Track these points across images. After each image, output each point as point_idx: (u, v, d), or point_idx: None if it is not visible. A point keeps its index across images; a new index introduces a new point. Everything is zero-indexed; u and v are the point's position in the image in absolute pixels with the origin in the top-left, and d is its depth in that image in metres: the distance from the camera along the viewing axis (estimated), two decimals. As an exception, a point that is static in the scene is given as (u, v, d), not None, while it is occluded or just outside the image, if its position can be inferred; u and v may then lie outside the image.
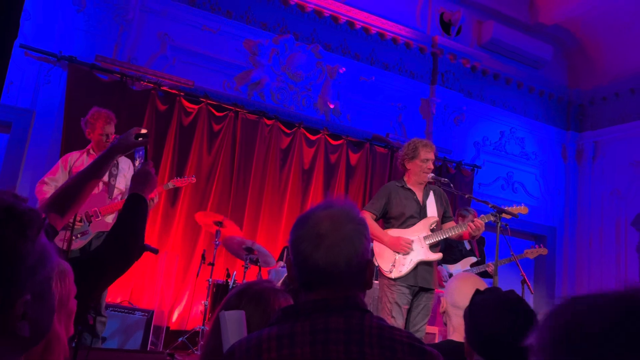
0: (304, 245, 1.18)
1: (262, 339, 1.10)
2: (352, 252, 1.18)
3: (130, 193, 1.65)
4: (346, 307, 1.14)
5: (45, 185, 4.03)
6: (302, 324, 1.11)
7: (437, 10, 7.55)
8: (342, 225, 1.19)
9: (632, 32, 7.53)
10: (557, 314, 0.63)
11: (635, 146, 7.65)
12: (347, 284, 1.18)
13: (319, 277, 1.17)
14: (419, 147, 3.87)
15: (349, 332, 1.10)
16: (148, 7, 5.85)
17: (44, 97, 5.31)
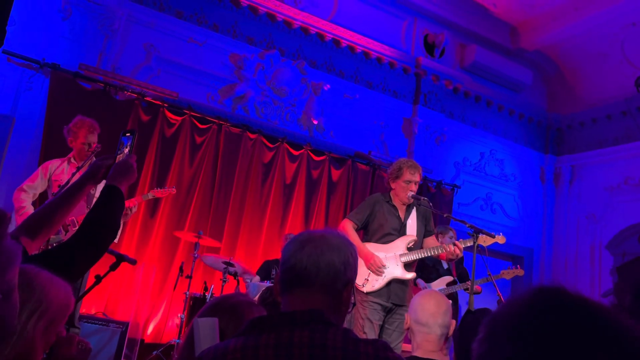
0: (292, 247, 1.26)
1: (228, 349, 1.12)
2: (335, 257, 1.23)
3: (107, 183, 1.63)
4: (311, 321, 1.15)
5: (24, 193, 3.97)
6: (268, 337, 1.13)
7: (422, 32, 7.68)
8: (332, 238, 1.27)
9: (609, 61, 7.75)
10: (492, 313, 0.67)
11: (610, 171, 7.83)
12: (321, 289, 1.21)
13: (297, 275, 1.22)
14: (403, 168, 3.91)
15: (313, 346, 1.11)
16: (134, 17, 5.85)
17: (24, 103, 5.26)
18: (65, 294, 1.24)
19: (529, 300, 0.62)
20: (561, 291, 0.62)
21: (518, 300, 0.63)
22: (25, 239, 1.53)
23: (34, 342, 1.14)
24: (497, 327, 0.62)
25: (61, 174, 4.05)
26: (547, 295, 0.62)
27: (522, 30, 8.11)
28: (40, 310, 1.16)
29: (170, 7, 6.04)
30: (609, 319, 0.58)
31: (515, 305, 0.63)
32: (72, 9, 5.50)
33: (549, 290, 0.62)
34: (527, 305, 0.61)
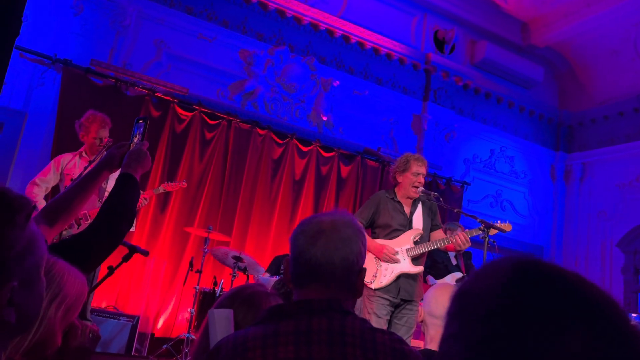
0: (302, 239, 1.24)
1: (247, 337, 1.13)
2: (348, 252, 1.23)
3: (121, 171, 1.64)
4: (329, 309, 1.17)
5: (36, 187, 4.01)
6: (286, 324, 1.14)
7: (432, 28, 7.65)
8: (343, 228, 1.25)
9: (620, 58, 7.68)
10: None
11: (621, 168, 7.76)
12: (337, 285, 1.22)
13: (312, 271, 1.21)
14: (410, 161, 3.90)
15: (331, 333, 1.12)
16: (145, 13, 5.88)
17: (37, 99, 5.30)
18: (81, 283, 1.28)
19: (503, 275, 0.57)
20: (539, 263, 0.57)
21: (491, 273, 0.59)
22: (43, 227, 1.56)
23: (54, 328, 1.18)
24: (470, 301, 0.58)
25: (73, 167, 4.09)
26: (524, 268, 0.57)
27: (533, 27, 8.05)
28: (60, 297, 1.20)
29: (180, 3, 6.06)
30: (590, 294, 0.54)
31: (488, 277, 0.58)
32: (84, 5, 5.54)
33: (525, 264, 0.58)
34: (501, 281, 0.57)
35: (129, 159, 1.67)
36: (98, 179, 1.74)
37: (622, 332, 0.52)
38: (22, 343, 1.11)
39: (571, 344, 0.50)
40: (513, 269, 0.57)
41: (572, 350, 0.50)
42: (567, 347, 0.50)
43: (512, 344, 0.52)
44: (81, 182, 1.73)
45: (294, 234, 1.27)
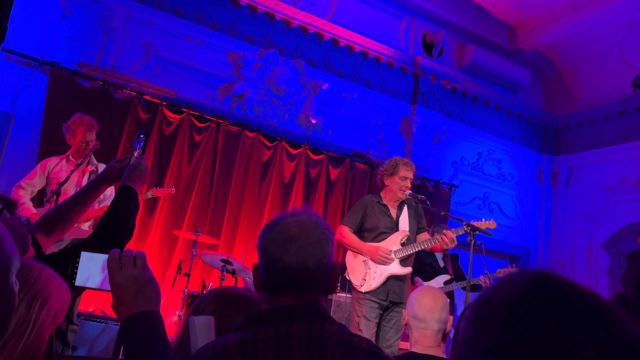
0: (274, 248, 1.21)
1: (227, 345, 1.12)
2: (320, 255, 1.22)
3: (122, 184, 1.66)
4: (308, 314, 1.17)
5: (22, 190, 3.98)
6: (265, 330, 1.13)
7: (420, 32, 7.70)
8: (311, 230, 1.23)
9: (606, 62, 7.78)
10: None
11: (607, 171, 7.86)
12: (314, 288, 1.22)
13: (288, 279, 1.20)
14: (399, 165, 3.94)
15: (311, 338, 1.13)
16: (133, 16, 5.86)
17: (23, 101, 5.26)
18: (65, 289, 1.31)
19: (524, 284, 0.60)
20: (558, 278, 0.61)
21: (512, 283, 0.62)
22: (40, 235, 1.58)
23: (42, 333, 1.21)
24: (489, 309, 0.61)
25: (60, 171, 4.06)
26: (544, 281, 0.60)
27: (520, 31, 8.13)
28: (49, 302, 1.23)
29: (169, 6, 6.05)
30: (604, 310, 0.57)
31: (510, 288, 0.61)
32: (71, 7, 5.51)
33: (545, 276, 0.61)
34: (522, 289, 0.60)
35: (130, 172, 1.69)
36: (97, 191, 1.77)
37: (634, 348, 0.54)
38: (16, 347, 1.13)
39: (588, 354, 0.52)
40: (533, 280, 0.60)
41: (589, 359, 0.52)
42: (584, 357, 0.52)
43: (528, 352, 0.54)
44: (80, 193, 1.76)
45: (262, 241, 1.25)
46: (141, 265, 1.21)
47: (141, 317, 1.17)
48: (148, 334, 1.14)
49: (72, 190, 4.09)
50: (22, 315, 1.19)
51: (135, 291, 1.19)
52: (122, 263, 1.20)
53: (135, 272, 1.20)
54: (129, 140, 5.51)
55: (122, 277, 1.19)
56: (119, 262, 1.20)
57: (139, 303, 1.18)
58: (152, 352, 1.10)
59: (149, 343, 1.12)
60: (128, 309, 1.18)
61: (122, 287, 1.19)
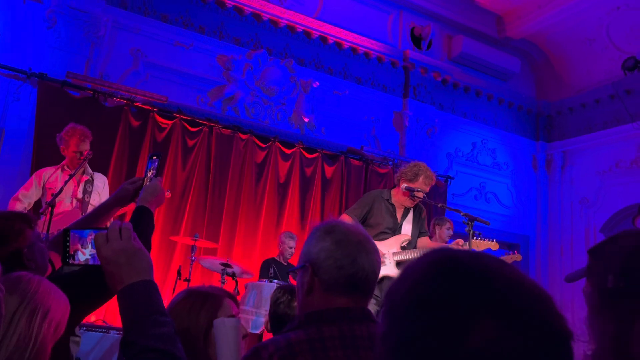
0: (347, 250, 1.23)
1: (291, 341, 1.14)
2: (378, 263, 1.28)
3: (138, 205, 1.67)
4: (364, 317, 1.22)
5: (19, 202, 3.96)
6: (330, 329, 1.16)
7: (408, 25, 7.70)
8: (369, 239, 1.30)
9: (595, 46, 7.81)
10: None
11: (601, 155, 7.88)
12: (369, 293, 1.27)
13: (357, 282, 1.23)
14: (420, 177, 3.83)
15: (372, 339, 1.16)
16: (120, 23, 5.83)
17: (13, 114, 5.23)
18: (64, 300, 1.31)
19: (421, 272, 0.59)
20: (455, 259, 0.58)
21: (412, 272, 0.60)
22: (54, 254, 1.60)
23: (45, 346, 1.23)
24: (395, 302, 0.59)
25: (55, 181, 4.04)
26: (439, 265, 0.58)
27: (508, 19, 8.14)
28: (50, 315, 1.24)
29: (155, 11, 6.02)
30: (502, 285, 0.55)
31: (409, 277, 0.59)
32: (57, 18, 5.47)
33: (441, 258, 0.59)
34: (418, 277, 0.58)
35: (145, 193, 1.70)
36: (110, 213, 1.80)
37: (533, 324, 0.52)
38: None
39: (479, 336, 0.50)
40: (429, 264, 0.59)
41: (479, 342, 0.50)
42: (476, 339, 0.50)
43: (427, 339, 0.52)
44: (92, 215, 1.79)
45: (329, 242, 1.25)
46: (127, 237, 1.21)
47: (133, 288, 1.16)
48: (141, 303, 1.14)
49: (68, 200, 4.07)
50: (23, 330, 1.19)
51: (125, 263, 1.18)
52: (108, 237, 1.19)
53: (122, 244, 1.19)
54: (122, 148, 5.49)
55: (109, 250, 1.19)
56: (105, 237, 1.19)
57: (130, 274, 1.17)
58: (146, 320, 1.10)
59: (143, 311, 1.12)
60: (120, 282, 1.17)
61: (110, 260, 1.18)
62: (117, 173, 5.37)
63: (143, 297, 1.15)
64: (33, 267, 1.58)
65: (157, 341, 1.08)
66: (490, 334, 0.50)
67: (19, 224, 1.60)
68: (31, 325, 1.21)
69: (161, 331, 1.10)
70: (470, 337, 0.50)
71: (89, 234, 1.31)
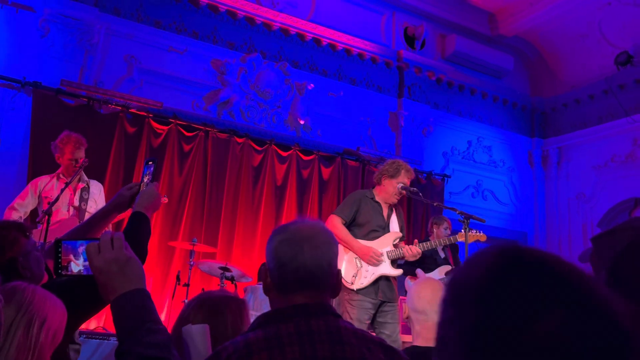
0: (288, 247, 1.26)
1: (249, 341, 1.15)
2: (332, 255, 1.28)
3: (134, 211, 1.67)
4: (323, 312, 1.23)
5: (14, 212, 3.96)
6: (286, 326, 1.17)
7: (401, 25, 7.72)
8: (321, 232, 1.30)
9: (587, 42, 7.84)
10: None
11: (596, 150, 7.91)
12: (324, 288, 1.27)
13: (302, 277, 1.24)
14: (401, 170, 3.89)
15: (330, 333, 1.18)
16: (113, 30, 5.84)
17: (8, 123, 5.23)
18: (61, 308, 1.32)
19: (489, 262, 0.63)
20: (521, 251, 0.63)
21: (479, 262, 0.64)
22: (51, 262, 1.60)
23: (44, 355, 1.24)
24: (462, 290, 0.63)
25: (51, 190, 4.04)
26: (507, 256, 0.62)
27: (500, 17, 8.17)
28: (47, 323, 1.26)
29: (148, 17, 6.03)
30: (565, 275, 0.59)
31: (477, 266, 0.63)
32: (50, 26, 5.48)
33: (508, 250, 0.63)
34: (487, 268, 0.62)
35: (141, 199, 1.70)
36: (107, 219, 1.80)
37: (597, 311, 0.57)
38: None
39: (550, 323, 0.55)
40: (497, 255, 0.63)
41: (550, 328, 0.55)
42: (546, 325, 0.55)
43: (499, 324, 0.57)
44: (90, 222, 1.79)
45: (274, 242, 1.28)
46: (119, 246, 1.22)
47: (126, 297, 1.17)
48: (134, 312, 1.14)
49: (65, 208, 4.07)
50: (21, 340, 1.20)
51: (117, 272, 1.19)
52: (100, 247, 1.20)
53: (114, 254, 1.20)
54: (118, 155, 5.50)
55: (101, 260, 1.19)
56: (97, 247, 1.20)
57: (123, 284, 1.18)
58: (140, 328, 1.11)
59: (136, 320, 1.13)
60: (113, 291, 1.18)
61: (102, 270, 1.19)
62: (114, 180, 5.37)
63: (136, 305, 1.16)
64: (29, 276, 1.58)
65: (152, 349, 1.09)
66: (559, 321, 0.55)
67: (13, 233, 1.61)
68: (29, 334, 1.22)
69: (156, 339, 1.10)
70: (541, 322, 0.56)
71: (80, 245, 1.31)
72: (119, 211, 1.81)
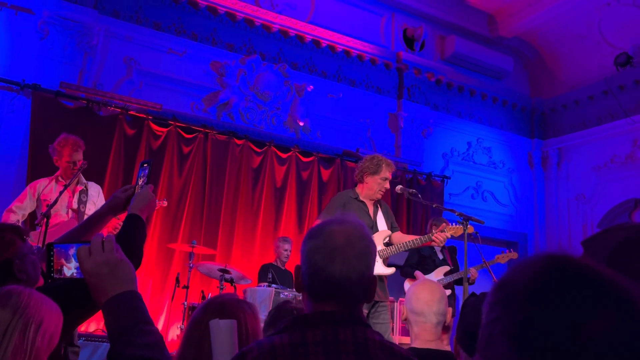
0: (319, 257, 1.23)
1: (274, 345, 1.14)
2: (364, 268, 1.25)
3: (129, 213, 1.67)
4: (351, 320, 1.21)
5: (12, 214, 3.96)
6: (313, 334, 1.16)
7: (400, 27, 7.72)
8: (356, 242, 1.25)
9: (586, 42, 7.83)
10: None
11: (596, 151, 7.91)
12: (354, 298, 1.25)
13: (331, 288, 1.22)
14: (382, 165, 3.87)
15: (357, 343, 1.17)
16: (112, 32, 5.84)
17: (7, 125, 5.23)
18: (56, 311, 1.32)
19: (540, 266, 0.66)
20: (569, 257, 0.66)
21: (529, 266, 0.67)
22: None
23: (39, 356, 1.24)
24: (511, 291, 0.66)
25: (50, 192, 4.04)
26: (557, 261, 0.66)
27: (500, 18, 8.17)
28: (43, 327, 1.26)
29: (147, 19, 6.03)
30: (613, 282, 0.63)
31: (527, 270, 0.66)
32: (49, 29, 5.48)
33: (558, 256, 0.67)
34: (539, 270, 0.65)
35: (136, 201, 1.70)
36: (102, 222, 1.79)
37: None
38: None
39: (600, 325, 0.58)
40: (546, 260, 0.66)
41: (600, 330, 0.58)
42: (597, 327, 0.58)
43: (548, 323, 0.60)
44: (85, 225, 1.79)
45: (308, 247, 1.26)
46: (109, 249, 1.21)
47: (118, 299, 1.17)
48: (126, 314, 1.15)
49: (63, 211, 4.06)
50: (17, 344, 1.20)
51: (108, 275, 1.19)
52: (90, 250, 1.20)
53: (104, 257, 1.20)
54: (117, 157, 5.50)
55: (92, 263, 1.19)
56: (87, 250, 1.20)
57: (114, 286, 1.18)
58: (132, 330, 1.12)
59: (128, 321, 1.13)
60: (105, 294, 1.18)
61: (93, 273, 1.19)
62: (113, 182, 5.37)
63: (128, 307, 1.16)
64: (24, 279, 1.58)
65: (145, 350, 1.09)
66: (609, 324, 0.58)
67: (9, 235, 1.61)
68: (25, 338, 1.22)
69: (148, 340, 1.10)
70: (591, 323, 0.58)
71: (71, 248, 1.31)
72: (114, 214, 1.81)
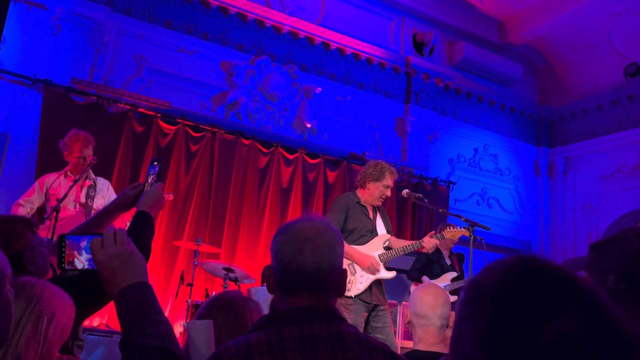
0: (288, 249, 1.25)
1: (251, 343, 1.15)
2: (333, 257, 1.26)
3: (138, 210, 1.69)
4: (327, 315, 1.22)
5: (21, 207, 3.99)
6: (289, 330, 1.17)
7: (410, 31, 7.74)
8: (324, 233, 1.28)
9: (597, 52, 7.82)
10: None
11: (603, 161, 7.88)
12: (326, 290, 1.26)
13: (302, 280, 1.23)
14: (385, 173, 3.88)
15: (333, 338, 1.17)
16: (124, 29, 5.88)
17: (18, 120, 5.28)
18: (69, 303, 1.33)
19: (508, 267, 0.68)
20: (537, 259, 0.69)
21: (498, 267, 0.70)
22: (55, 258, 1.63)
23: (52, 350, 1.26)
24: (480, 290, 0.68)
25: (58, 187, 4.08)
26: (525, 262, 0.68)
27: (510, 25, 8.17)
28: (56, 318, 1.28)
29: (159, 18, 6.07)
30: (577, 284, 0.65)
31: (496, 271, 0.69)
32: (62, 24, 5.53)
33: (526, 257, 0.70)
34: (506, 271, 0.68)
35: (146, 198, 1.72)
36: (111, 218, 1.81)
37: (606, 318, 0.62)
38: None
39: (563, 324, 0.60)
40: (514, 261, 0.69)
41: (564, 329, 0.60)
42: (560, 326, 0.60)
43: (514, 322, 0.62)
44: (93, 220, 1.81)
45: (277, 243, 1.28)
46: (121, 241, 1.24)
47: (129, 290, 1.19)
48: (137, 305, 1.17)
49: (71, 205, 4.10)
50: (30, 334, 1.22)
51: (119, 267, 1.21)
52: (103, 242, 1.22)
53: (116, 249, 1.22)
54: (125, 154, 5.53)
55: (104, 255, 1.21)
56: (100, 242, 1.22)
57: (125, 277, 1.20)
58: (143, 320, 1.14)
59: (139, 312, 1.16)
60: (116, 285, 1.20)
61: (105, 265, 1.21)
62: (121, 178, 5.40)
63: (139, 298, 1.18)
64: (34, 271, 1.60)
65: (156, 339, 1.10)
66: (572, 323, 0.61)
67: (20, 227, 1.63)
68: (38, 329, 1.24)
69: (159, 330, 1.12)
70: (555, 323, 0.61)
71: (83, 240, 1.33)
72: (122, 210, 1.82)
